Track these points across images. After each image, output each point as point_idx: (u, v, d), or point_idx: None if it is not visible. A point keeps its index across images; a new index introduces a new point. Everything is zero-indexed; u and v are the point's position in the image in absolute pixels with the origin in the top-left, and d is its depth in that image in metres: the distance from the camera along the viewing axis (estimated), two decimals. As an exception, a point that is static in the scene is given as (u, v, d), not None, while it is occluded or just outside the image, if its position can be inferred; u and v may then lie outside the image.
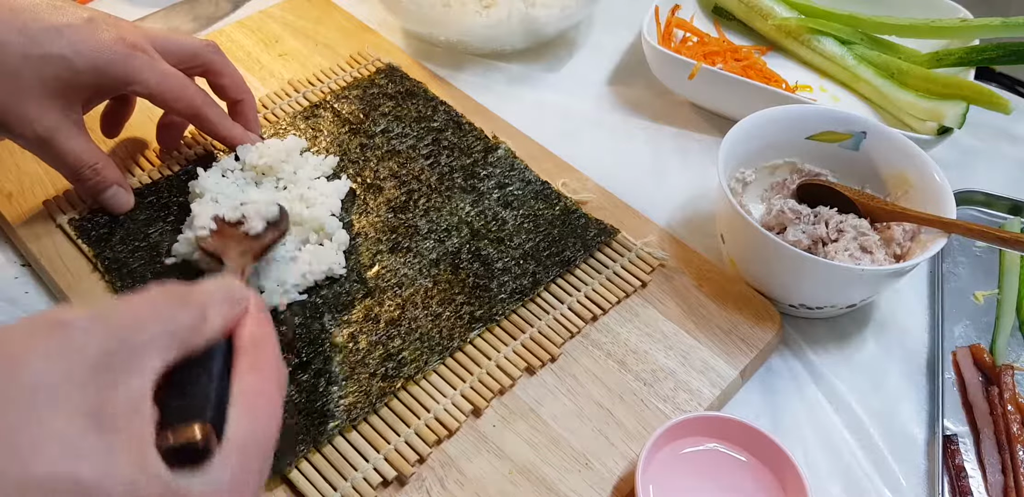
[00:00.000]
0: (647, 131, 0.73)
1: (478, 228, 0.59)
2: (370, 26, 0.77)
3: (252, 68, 0.72)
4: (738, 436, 0.48)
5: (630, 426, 0.50)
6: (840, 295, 0.55)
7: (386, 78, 0.70)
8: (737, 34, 0.82)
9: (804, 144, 0.62)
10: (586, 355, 0.54)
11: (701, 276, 0.59)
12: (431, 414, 0.49)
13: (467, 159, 0.64)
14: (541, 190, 0.62)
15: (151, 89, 0.52)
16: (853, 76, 0.74)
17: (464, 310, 0.54)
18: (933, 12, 0.75)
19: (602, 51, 0.81)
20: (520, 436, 0.50)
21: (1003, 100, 0.66)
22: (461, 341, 0.52)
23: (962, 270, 0.64)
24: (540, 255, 0.58)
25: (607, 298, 0.56)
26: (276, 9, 0.78)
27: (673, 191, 0.67)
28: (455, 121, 0.67)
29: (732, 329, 0.56)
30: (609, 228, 0.60)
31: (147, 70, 0.52)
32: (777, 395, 0.55)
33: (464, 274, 0.56)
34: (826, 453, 0.52)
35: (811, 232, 0.57)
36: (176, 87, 0.53)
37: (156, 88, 0.52)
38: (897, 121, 0.72)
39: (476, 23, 0.72)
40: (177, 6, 0.80)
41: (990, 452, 0.52)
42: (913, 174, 0.58)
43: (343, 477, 0.46)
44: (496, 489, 0.47)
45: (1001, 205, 0.68)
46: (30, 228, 0.57)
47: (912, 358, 0.58)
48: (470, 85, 0.74)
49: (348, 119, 0.66)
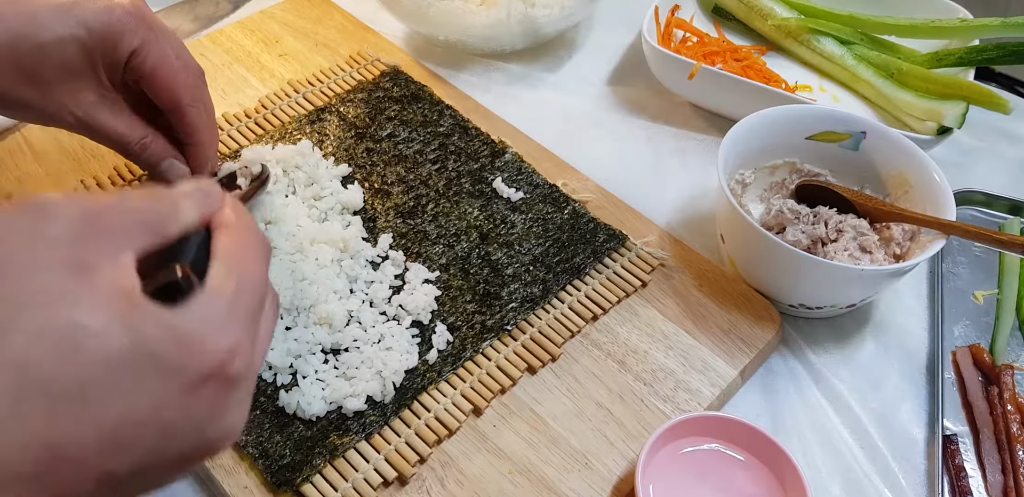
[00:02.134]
0: (647, 131, 0.73)
1: (487, 232, 0.59)
2: (370, 26, 0.77)
3: (252, 68, 0.72)
4: (738, 436, 0.48)
5: (630, 426, 0.50)
6: (840, 295, 0.55)
7: (391, 81, 0.70)
8: (737, 34, 0.82)
9: (804, 144, 0.62)
10: (586, 355, 0.54)
11: (701, 276, 0.59)
12: (431, 414, 0.50)
13: (475, 164, 0.64)
14: (549, 193, 0.62)
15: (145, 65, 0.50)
16: (853, 76, 0.74)
17: (475, 319, 0.54)
18: (933, 12, 0.75)
19: (602, 51, 0.81)
20: (520, 436, 0.50)
21: (1003, 100, 0.66)
22: (473, 351, 0.53)
23: (962, 270, 0.64)
24: (550, 261, 0.58)
25: (607, 298, 0.56)
26: (276, 9, 0.78)
27: (673, 191, 0.67)
28: (461, 126, 0.67)
29: (732, 329, 0.56)
30: (618, 234, 0.60)
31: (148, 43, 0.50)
32: (777, 395, 0.55)
33: (474, 280, 0.56)
34: (826, 453, 0.52)
35: (810, 232, 0.57)
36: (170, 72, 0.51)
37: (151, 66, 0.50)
38: (897, 121, 0.72)
39: (476, 23, 0.72)
40: (177, 6, 0.80)
41: (990, 452, 0.52)
42: (913, 174, 0.58)
43: (344, 478, 0.47)
44: (496, 489, 0.47)
45: (1001, 205, 0.68)
46: (30, 228, 0.57)
47: (912, 358, 0.58)
48: (470, 85, 0.74)
49: (354, 123, 0.66)
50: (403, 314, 0.53)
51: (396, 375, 0.50)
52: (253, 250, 0.34)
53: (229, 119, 0.66)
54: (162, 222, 0.31)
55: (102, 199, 0.30)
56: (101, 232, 0.29)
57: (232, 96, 0.69)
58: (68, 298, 0.26)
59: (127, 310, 0.27)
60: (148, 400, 0.27)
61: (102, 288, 0.27)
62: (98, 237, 0.28)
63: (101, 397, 0.25)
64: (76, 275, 0.27)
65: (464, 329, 0.54)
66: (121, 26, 0.48)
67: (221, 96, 0.69)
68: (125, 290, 0.27)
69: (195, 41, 0.74)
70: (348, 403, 0.48)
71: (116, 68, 0.50)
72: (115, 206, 0.30)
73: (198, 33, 0.77)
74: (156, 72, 0.51)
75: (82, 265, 0.27)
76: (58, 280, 0.26)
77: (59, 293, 0.26)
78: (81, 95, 0.49)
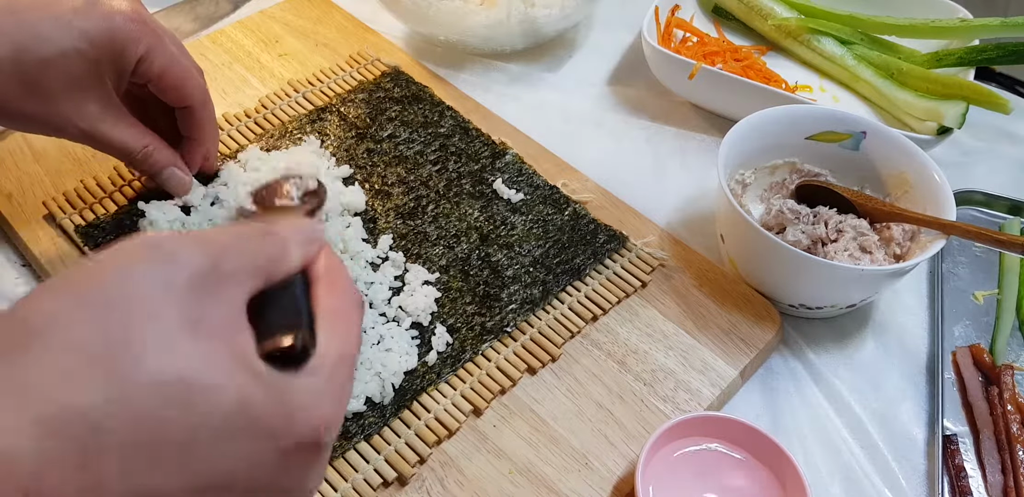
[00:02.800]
0: (647, 131, 0.73)
1: (487, 233, 0.59)
2: (370, 26, 0.77)
3: (252, 68, 0.72)
4: (738, 436, 0.48)
5: (630, 426, 0.50)
6: (840, 295, 0.55)
7: (391, 81, 0.70)
8: (737, 34, 0.82)
9: (804, 144, 0.62)
10: (586, 355, 0.54)
11: (701, 276, 0.59)
12: (431, 415, 0.50)
13: (475, 165, 0.64)
14: (550, 195, 0.62)
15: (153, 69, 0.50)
16: (853, 76, 0.74)
17: (475, 321, 0.54)
18: (933, 12, 0.75)
19: (602, 51, 0.81)
20: (520, 436, 0.50)
21: (1003, 100, 0.66)
22: (473, 353, 0.53)
23: (962, 270, 0.64)
24: (550, 262, 0.57)
25: (607, 298, 0.56)
26: (276, 9, 0.78)
27: (673, 191, 0.67)
28: (462, 127, 0.67)
29: (732, 329, 0.56)
30: (619, 235, 0.60)
31: (155, 48, 0.50)
32: (777, 395, 0.55)
33: (474, 281, 0.56)
34: (826, 453, 0.52)
35: (811, 232, 0.57)
36: (179, 71, 0.52)
37: (159, 68, 0.50)
38: (897, 121, 0.72)
39: (476, 23, 0.72)
40: (177, 6, 0.80)
41: (990, 452, 0.52)
42: (913, 174, 0.58)
43: (343, 478, 0.47)
44: (496, 489, 0.47)
45: (1001, 205, 0.68)
46: (30, 228, 0.57)
47: (912, 358, 0.58)
48: (470, 85, 0.74)
49: (355, 124, 0.66)
50: (403, 315, 0.53)
51: (395, 376, 0.50)
52: (354, 311, 0.34)
53: (229, 119, 0.66)
54: (273, 266, 0.32)
55: (222, 239, 0.30)
56: (222, 280, 0.29)
57: (232, 96, 0.69)
58: (184, 353, 0.26)
59: (240, 372, 0.27)
60: (243, 462, 0.27)
61: (218, 346, 0.27)
62: (218, 286, 0.29)
63: (199, 453, 0.26)
64: (195, 330, 0.27)
65: (464, 331, 0.53)
66: (124, 34, 0.48)
67: (221, 96, 0.69)
68: (239, 350, 0.28)
69: (195, 41, 0.74)
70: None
71: (123, 76, 0.50)
72: (235, 249, 0.30)
73: (198, 33, 0.77)
74: (165, 74, 0.51)
75: (201, 319, 0.27)
76: (177, 333, 0.26)
77: (176, 347, 0.26)
78: (85, 107, 0.49)
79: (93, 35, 0.47)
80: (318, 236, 0.36)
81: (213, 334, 0.27)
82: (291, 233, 0.34)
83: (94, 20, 0.47)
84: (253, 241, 0.32)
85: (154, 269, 0.28)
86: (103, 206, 0.58)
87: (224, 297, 0.29)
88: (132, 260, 0.28)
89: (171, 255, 0.28)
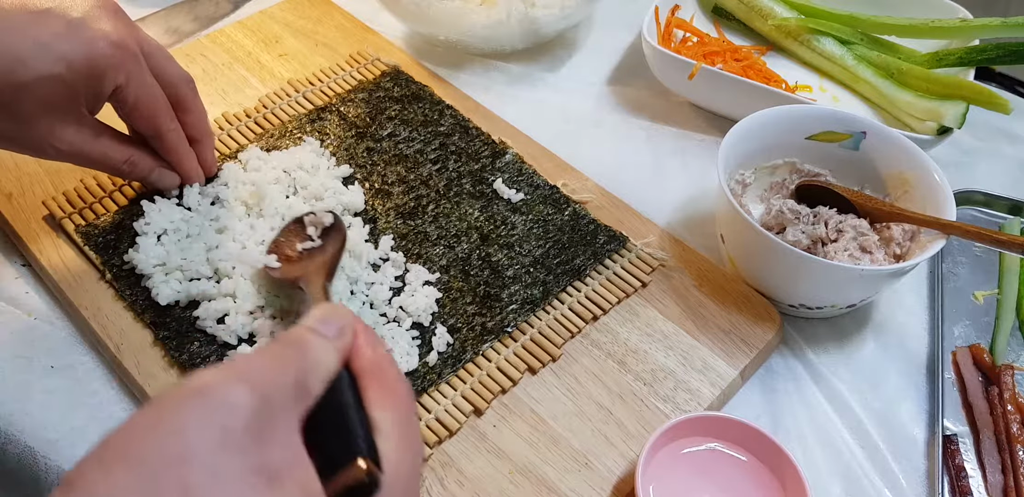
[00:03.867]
0: (647, 131, 0.73)
1: (487, 233, 0.59)
2: (370, 26, 0.77)
3: (252, 68, 0.72)
4: (738, 436, 0.48)
5: (630, 426, 0.50)
6: (840, 295, 0.55)
7: (391, 81, 0.70)
8: (737, 34, 0.82)
9: (804, 144, 0.62)
10: (586, 355, 0.54)
11: (701, 276, 0.59)
12: (432, 415, 0.50)
13: (475, 164, 0.64)
14: (550, 195, 0.62)
15: (128, 98, 0.50)
16: (853, 76, 0.74)
17: (476, 321, 0.54)
18: (933, 12, 0.75)
19: (602, 51, 0.81)
20: (520, 436, 0.50)
21: (1003, 100, 0.66)
22: (473, 353, 0.53)
23: (962, 270, 0.64)
24: (550, 263, 0.57)
25: (607, 298, 0.56)
26: (276, 9, 0.78)
27: (673, 191, 0.67)
28: (462, 126, 0.67)
29: (732, 329, 0.56)
30: (619, 235, 0.60)
31: (133, 78, 0.49)
32: (777, 395, 0.55)
33: (475, 282, 0.56)
34: (826, 453, 0.52)
35: (810, 232, 0.57)
36: (151, 103, 0.51)
37: (133, 98, 0.50)
38: (897, 121, 0.72)
39: (476, 23, 0.72)
40: (177, 6, 0.80)
41: (990, 452, 0.52)
42: (913, 174, 0.58)
43: (343, 477, 0.47)
44: (496, 489, 0.47)
45: (1001, 205, 0.68)
46: (30, 228, 0.57)
47: (912, 358, 0.58)
48: (470, 85, 0.74)
49: (355, 123, 0.66)
50: (403, 316, 0.53)
51: None
52: (411, 407, 0.33)
53: (229, 119, 0.66)
54: (315, 377, 0.31)
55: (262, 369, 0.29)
56: (275, 415, 0.28)
57: (232, 96, 0.69)
58: None
59: None
60: None
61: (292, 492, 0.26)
62: (272, 422, 0.28)
63: None
64: (267, 482, 0.26)
65: (464, 331, 0.53)
66: (105, 61, 0.47)
67: (221, 96, 0.69)
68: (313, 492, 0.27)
69: (195, 41, 0.74)
70: None
71: (99, 99, 0.50)
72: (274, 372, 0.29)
73: (198, 33, 0.77)
74: (138, 105, 0.51)
75: (266, 466, 0.26)
76: (249, 492, 0.25)
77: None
78: (61, 129, 0.49)
79: (72, 60, 0.46)
80: (348, 321, 0.35)
81: (283, 481, 0.26)
82: (321, 327, 0.33)
83: (75, 44, 0.46)
84: (291, 361, 0.31)
85: (208, 423, 0.26)
86: (103, 206, 0.58)
87: (280, 433, 0.28)
88: (184, 417, 0.26)
89: (222, 401, 0.27)
